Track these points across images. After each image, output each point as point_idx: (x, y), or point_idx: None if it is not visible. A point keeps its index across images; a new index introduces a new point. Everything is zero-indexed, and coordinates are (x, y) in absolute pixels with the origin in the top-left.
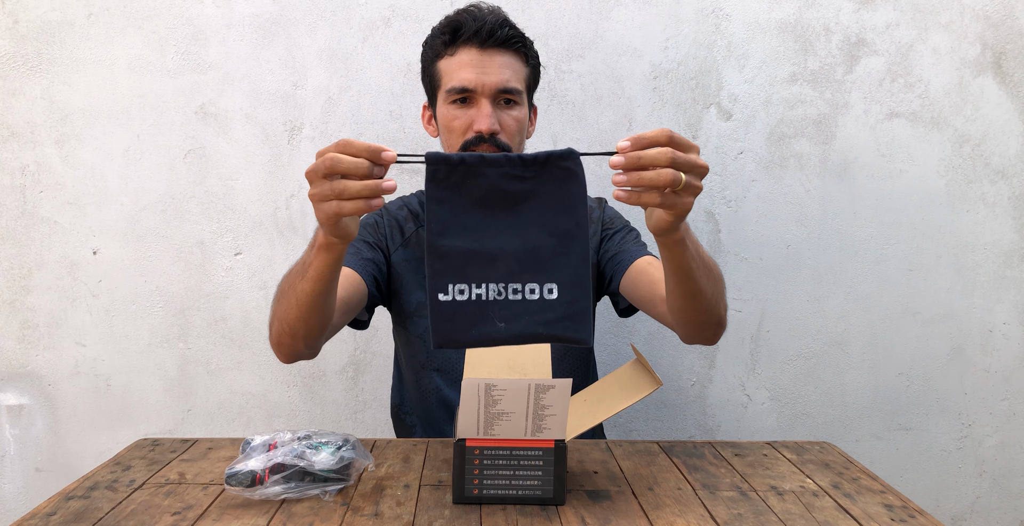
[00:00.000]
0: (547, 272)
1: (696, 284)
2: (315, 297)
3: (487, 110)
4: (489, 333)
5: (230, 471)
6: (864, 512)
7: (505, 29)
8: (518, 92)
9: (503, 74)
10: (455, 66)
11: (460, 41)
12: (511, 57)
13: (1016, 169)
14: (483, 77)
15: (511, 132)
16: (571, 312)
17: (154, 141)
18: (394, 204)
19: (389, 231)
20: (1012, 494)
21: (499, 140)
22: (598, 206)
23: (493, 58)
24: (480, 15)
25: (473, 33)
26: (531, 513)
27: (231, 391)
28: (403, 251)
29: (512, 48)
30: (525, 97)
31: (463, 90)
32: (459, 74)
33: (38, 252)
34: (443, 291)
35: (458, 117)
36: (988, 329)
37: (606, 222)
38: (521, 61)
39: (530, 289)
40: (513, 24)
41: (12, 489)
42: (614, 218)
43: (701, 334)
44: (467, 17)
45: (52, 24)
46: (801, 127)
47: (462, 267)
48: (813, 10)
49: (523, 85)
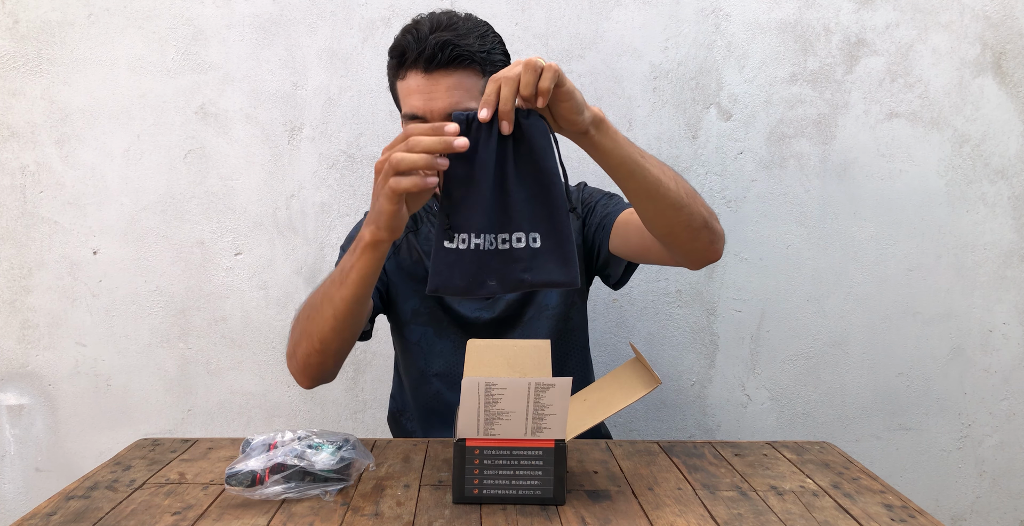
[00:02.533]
0: (530, 221)
1: (649, 176)
2: (355, 304)
3: None
4: (478, 288)
5: (230, 471)
6: (864, 512)
7: (448, 50)
8: (473, 110)
9: (452, 97)
10: (406, 91)
11: (407, 65)
12: (461, 75)
13: (1016, 169)
14: (431, 103)
15: None
16: (555, 257)
17: (154, 141)
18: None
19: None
20: (1012, 494)
21: None
22: (576, 189)
23: (439, 82)
24: (422, 36)
25: (416, 57)
26: (531, 513)
27: (231, 391)
28: (395, 259)
29: (461, 66)
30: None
31: (414, 116)
32: (409, 100)
33: (38, 252)
34: (449, 239)
35: None
36: (988, 329)
37: (585, 200)
38: (475, 75)
39: (516, 238)
40: (460, 39)
41: (12, 489)
42: (592, 193)
43: (696, 244)
44: (410, 39)
45: (52, 24)
46: (801, 127)
47: (467, 218)
48: (813, 10)
49: (478, 100)
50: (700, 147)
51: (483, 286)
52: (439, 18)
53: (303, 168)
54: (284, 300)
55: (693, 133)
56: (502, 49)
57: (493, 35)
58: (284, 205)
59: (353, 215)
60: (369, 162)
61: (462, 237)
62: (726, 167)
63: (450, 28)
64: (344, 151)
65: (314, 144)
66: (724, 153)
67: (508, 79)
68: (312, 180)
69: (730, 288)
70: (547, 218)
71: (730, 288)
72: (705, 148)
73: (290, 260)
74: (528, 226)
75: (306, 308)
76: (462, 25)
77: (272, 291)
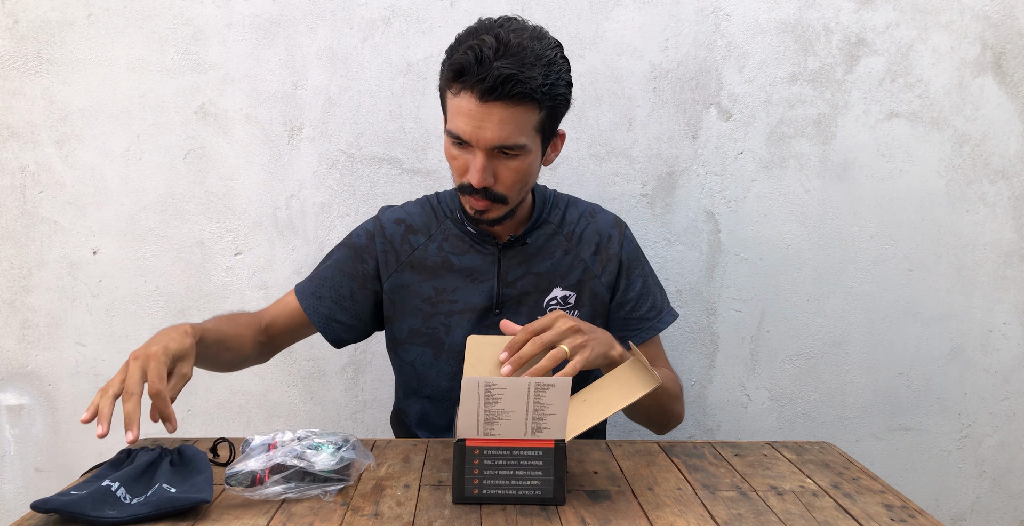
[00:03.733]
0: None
1: (650, 410)
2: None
3: (480, 164)
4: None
5: (230, 471)
6: (864, 512)
7: (509, 85)
8: (519, 146)
9: (502, 131)
10: (455, 109)
11: (462, 85)
12: (516, 110)
13: (1016, 169)
14: (478, 132)
15: (507, 183)
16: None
17: (154, 141)
18: (391, 216)
19: (383, 258)
20: (1012, 494)
21: (491, 191)
22: (617, 235)
23: (492, 113)
24: (485, 60)
25: (473, 83)
26: (531, 513)
27: (231, 391)
28: (396, 277)
29: (519, 102)
30: (535, 143)
31: (459, 137)
32: (456, 121)
33: (38, 252)
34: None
35: (456, 158)
36: (988, 329)
37: (625, 262)
38: (531, 110)
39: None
40: (524, 73)
41: (12, 489)
42: (631, 262)
43: (660, 431)
44: (471, 59)
45: (52, 24)
46: (801, 127)
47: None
48: (813, 10)
49: (531, 134)
50: (700, 147)
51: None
52: (506, 39)
53: (303, 168)
54: None
55: (693, 133)
56: (567, 79)
57: (561, 62)
58: (284, 205)
59: (353, 215)
60: (369, 162)
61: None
62: (726, 167)
63: (516, 55)
64: (344, 151)
65: (314, 144)
66: (724, 153)
67: (566, 332)
68: (312, 180)
69: (730, 288)
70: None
71: (730, 288)
72: (705, 148)
73: (290, 260)
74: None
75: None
76: (529, 51)
77: (272, 291)
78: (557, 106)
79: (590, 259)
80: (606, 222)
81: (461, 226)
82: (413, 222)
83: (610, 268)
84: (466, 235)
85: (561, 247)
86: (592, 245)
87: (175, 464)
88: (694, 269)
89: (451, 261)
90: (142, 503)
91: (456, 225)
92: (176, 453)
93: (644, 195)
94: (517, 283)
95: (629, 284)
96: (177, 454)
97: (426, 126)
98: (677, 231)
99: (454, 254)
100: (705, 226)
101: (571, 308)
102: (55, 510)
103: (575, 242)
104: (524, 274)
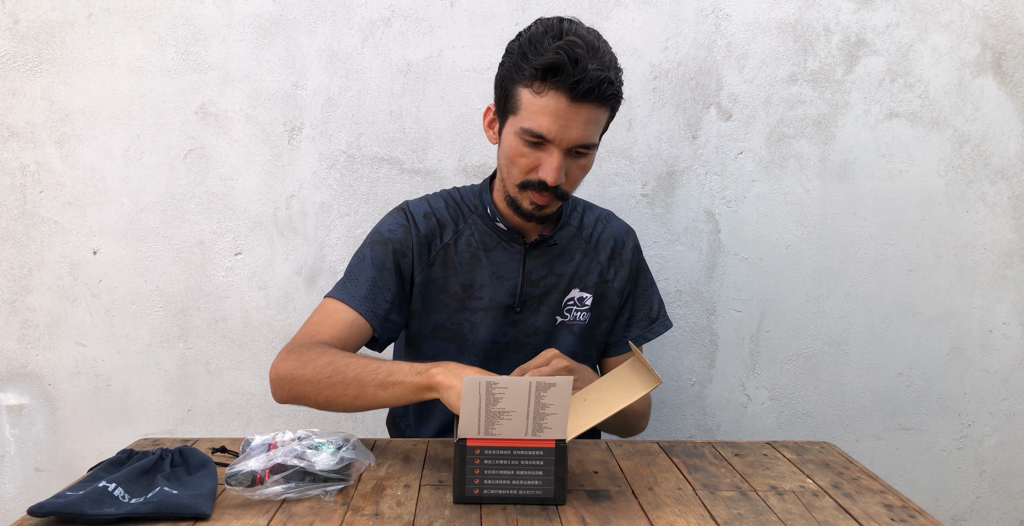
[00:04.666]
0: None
1: (622, 424)
2: (385, 406)
3: (557, 163)
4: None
5: (230, 471)
6: (864, 512)
7: (604, 88)
8: (594, 145)
9: (586, 131)
10: (537, 108)
11: (552, 85)
12: (599, 111)
13: (1016, 169)
14: (565, 131)
15: (574, 181)
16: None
17: (154, 141)
18: (419, 209)
19: (418, 251)
20: (1012, 494)
21: (559, 190)
22: (631, 243)
23: (580, 113)
24: (583, 63)
25: (571, 85)
26: (531, 513)
27: (231, 391)
28: (427, 271)
29: (604, 103)
30: (599, 140)
31: (539, 136)
32: (539, 119)
33: (38, 252)
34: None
35: (526, 155)
36: (988, 329)
37: (634, 270)
38: (607, 111)
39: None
40: (612, 75)
41: (12, 489)
42: (641, 271)
43: (615, 431)
44: (567, 60)
45: (52, 24)
46: (801, 127)
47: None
48: (813, 10)
49: (600, 134)
50: (700, 147)
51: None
52: (592, 43)
53: (303, 168)
54: (284, 300)
55: (693, 133)
56: (622, 80)
57: (620, 67)
58: (284, 205)
59: (353, 215)
60: (369, 162)
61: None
62: (726, 167)
63: (604, 58)
64: (344, 151)
65: (314, 144)
66: (724, 153)
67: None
68: (312, 180)
69: (730, 288)
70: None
71: (730, 288)
72: (705, 148)
73: (290, 260)
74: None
75: (323, 363)
76: (608, 54)
77: (272, 291)
78: (618, 106)
79: (605, 263)
80: (620, 229)
81: (490, 222)
82: (441, 216)
83: (622, 274)
84: (494, 232)
85: (580, 249)
86: (608, 250)
87: (176, 465)
88: (694, 269)
89: (478, 256)
90: (142, 503)
91: (483, 221)
92: (177, 454)
93: (644, 195)
94: (540, 282)
95: (634, 291)
96: (178, 455)
97: (426, 126)
98: (677, 231)
99: (481, 249)
100: (705, 226)
101: (587, 310)
102: (52, 513)
103: (593, 245)
104: (547, 274)
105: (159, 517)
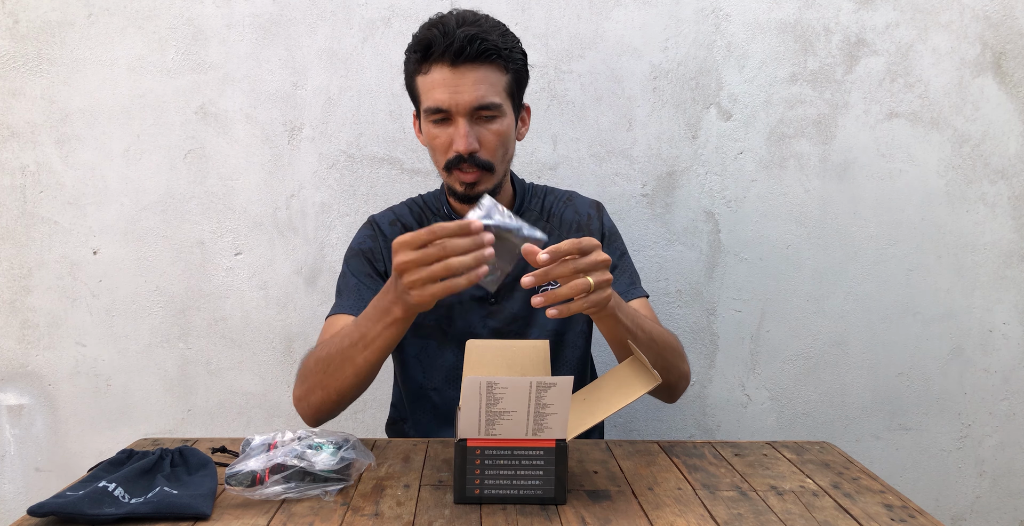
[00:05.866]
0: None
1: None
2: (378, 365)
3: (463, 130)
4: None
5: (230, 471)
6: (864, 512)
7: (476, 44)
8: (496, 106)
9: (477, 91)
10: (429, 85)
11: (432, 59)
12: (486, 70)
13: (1016, 169)
14: (456, 97)
15: (491, 147)
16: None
17: (154, 141)
18: (384, 218)
19: (385, 256)
20: (1012, 494)
21: (478, 159)
22: (596, 213)
23: (465, 75)
24: (449, 30)
25: (443, 51)
26: (531, 513)
27: (231, 391)
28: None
29: (487, 61)
30: (507, 106)
31: (438, 110)
32: (433, 94)
33: (38, 252)
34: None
35: (438, 136)
36: (988, 329)
37: (606, 236)
38: (499, 71)
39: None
40: (486, 34)
41: (12, 489)
42: (611, 236)
43: (658, 393)
44: (436, 33)
45: (52, 24)
46: (801, 127)
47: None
48: (813, 10)
49: (503, 95)
50: (700, 147)
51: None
52: (463, 14)
53: (303, 168)
54: (284, 300)
55: (693, 133)
56: (520, 48)
57: (512, 34)
58: (284, 205)
59: (353, 215)
60: (369, 162)
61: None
62: (726, 167)
63: (475, 24)
64: (344, 151)
65: (314, 144)
66: (724, 153)
67: (600, 263)
68: (312, 180)
69: (730, 288)
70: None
71: (730, 288)
72: (705, 148)
73: (290, 260)
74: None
75: (320, 361)
76: (485, 22)
77: (272, 291)
78: (520, 71)
79: (574, 238)
80: (584, 204)
81: (448, 220)
82: (407, 222)
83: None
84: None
85: (545, 231)
86: (573, 225)
87: (176, 465)
88: (694, 269)
89: None
90: (142, 503)
91: (443, 220)
92: (177, 454)
93: (644, 195)
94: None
95: (609, 256)
96: (178, 455)
97: None
98: (677, 231)
99: None
100: (705, 226)
101: (559, 285)
102: (52, 513)
103: (557, 225)
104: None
105: (159, 517)
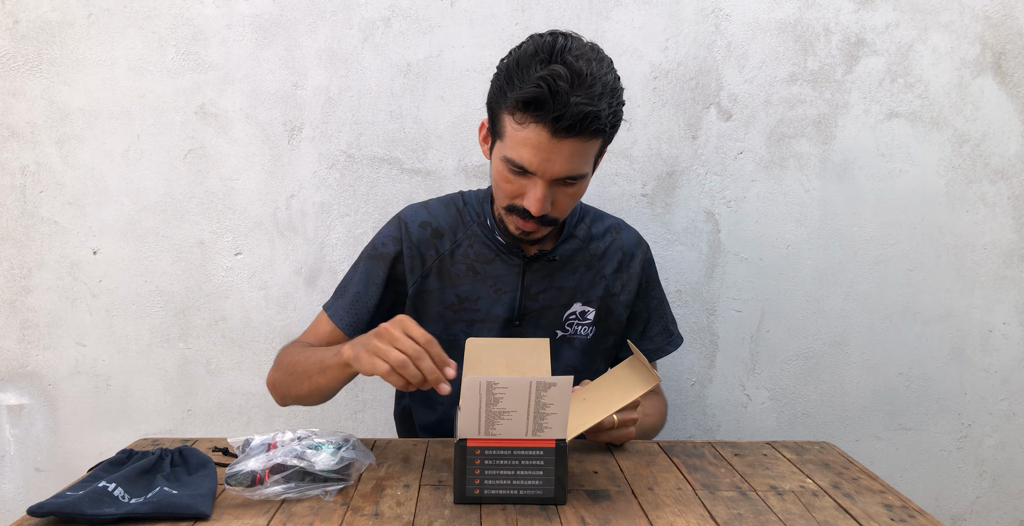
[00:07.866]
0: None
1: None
2: (332, 390)
3: (540, 193)
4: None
5: (230, 471)
6: (864, 512)
7: (586, 123)
8: (582, 176)
9: (570, 164)
10: (521, 139)
11: (532, 117)
12: (587, 144)
13: (1016, 169)
14: (546, 165)
15: (563, 208)
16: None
17: (154, 141)
18: (415, 218)
19: (409, 263)
20: (1012, 494)
21: (546, 218)
22: (640, 255)
23: (563, 146)
24: (561, 95)
25: (551, 120)
26: (531, 513)
27: (231, 391)
28: (421, 282)
29: (591, 137)
30: (591, 168)
31: (521, 168)
32: (520, 151)
33: (38, 252)
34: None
35: (511, 182)
36: (988, 329)
37: (644, 284)
38: (598, 141)
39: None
40: (599, 110)
41: (12, 489)
42: (650, 284)
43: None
44: (548, 94)
45: (52, 24)
46: (801, 127)
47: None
48: (813, 10)
49: (591, 163)
50: (700, 147)
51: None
52: (577, 69)
53: (303, 168)
54: (284, 300)
55: (693, 133)
56: (622, 110)
57: (619, 85)
58: (284, 205)
59: (353, 215)
60: (369, 162)
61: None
62: (726, 167)
63: (590, 88)
64: (344, 151)
65: (314, 144)
66: (724, 153)
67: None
68: (312, 180)
69: (730, 288)
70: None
71: (730, 288)
72: (705, 148)
73: (290, 260)
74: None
75: (289, 363)
76: (598, 81)
77: (272, 291)
78: (615, 129)
79: (611, 277)
80: (630, 240)
81: (490, 233)
82: (439, 225)
83: (630, 287)
84: (493, 243)
85: (584, 262)
86: (615, 263)
87: (176, 465)
88: (694, 269)
89: (476, 268)
90: (142, 503)
91: (483, 231)
92: (177, 454)
93: (644, 195)
94: (539, 296)
95: (645, 305)
96: (178, 455)
97: (426, 126)
98: (677, 231)
99: (479, 262)
100: (705, 226)
101: (589, 324)
102: (52, 513)
103: (599, 258)
104: (547, 288)
105: (159, 517)
